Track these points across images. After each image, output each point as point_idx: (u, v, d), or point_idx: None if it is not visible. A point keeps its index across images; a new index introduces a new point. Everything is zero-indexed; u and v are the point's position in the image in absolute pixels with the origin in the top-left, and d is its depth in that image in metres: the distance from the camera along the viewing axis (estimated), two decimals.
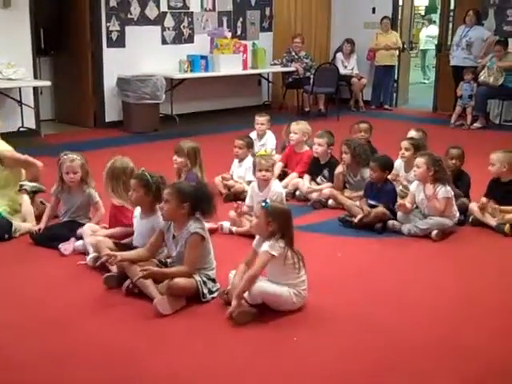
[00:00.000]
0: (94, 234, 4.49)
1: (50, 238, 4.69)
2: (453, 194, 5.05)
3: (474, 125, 9.87)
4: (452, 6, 11.41)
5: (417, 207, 5.16)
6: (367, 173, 5.48)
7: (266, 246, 3.61)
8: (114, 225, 4.59)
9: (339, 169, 5.80)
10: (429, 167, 4.97)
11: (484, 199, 5.26)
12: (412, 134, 6.14)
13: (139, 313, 3.69)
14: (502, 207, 5.17)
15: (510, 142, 8.09)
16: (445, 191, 4.98)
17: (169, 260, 4.01)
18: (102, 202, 4.86)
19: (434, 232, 4.97)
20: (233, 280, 3.74)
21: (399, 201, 5.29)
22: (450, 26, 11.40)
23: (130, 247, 4.18)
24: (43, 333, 3.48)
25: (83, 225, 4.71)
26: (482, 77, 9.79)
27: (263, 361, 3.23)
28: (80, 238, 4.60)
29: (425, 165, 4.98)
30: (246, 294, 3.61)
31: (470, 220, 5.31)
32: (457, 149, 5.57)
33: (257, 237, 3.81)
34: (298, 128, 6.33)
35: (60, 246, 4.57)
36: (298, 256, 3.67)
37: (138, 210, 4.31)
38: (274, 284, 3.65)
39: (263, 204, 3.71)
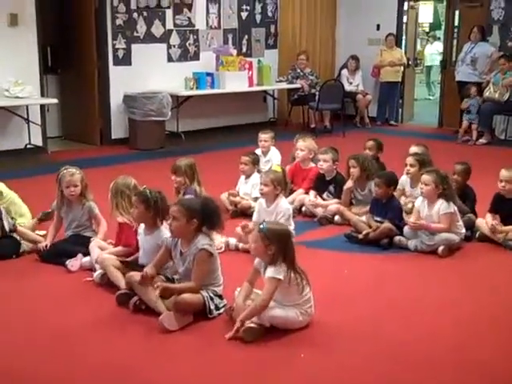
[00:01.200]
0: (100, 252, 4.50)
1: (56, 254, 4.70)
2: (455, 208, 5.04)
3: (480, 140, 9.84)
4: (456, 23, 11.46)
5: None
6: None
7: (270, 273, 3.56)
8: (118, 243, 4.59)
9: (348, 184, 5.78)
10: (437, 185, 4.95)
11: (489, 216, 5.24)
12: (413, 149, 6.12)
13: (146, 329, 3.69)
14: (504, 227, 5.15)
15: None
16: (446, 207, 4.96)
17: (176, 276, 4.02)
18: (104, 219, 4.86)
19: (441, 248, 4.96)
20: (237, 299, 3.71)
21: (405, 217, 5.29)
22: (455, 42, 11.44)
23: (136, 265, 4.19)
24: (48, 348, 3.48)
25: (88, 237, 4.73)
26: (488, 93, 9.79)
27: (270, 377, 3.22)
28: (87, 253, 4.61)
29: (433, 183, 4.95)
30: None
31: (477, 236, 5.29)
32: (461, 165, 5.56)
33: None
34: (305, 145, 6.34)
35: (67, 262, 4.58)
36: (302, 275, 3.64)
37: (141, 228, 4.31)
38: (281, 307, 3.63)
39: (260, 227, 3.66)
